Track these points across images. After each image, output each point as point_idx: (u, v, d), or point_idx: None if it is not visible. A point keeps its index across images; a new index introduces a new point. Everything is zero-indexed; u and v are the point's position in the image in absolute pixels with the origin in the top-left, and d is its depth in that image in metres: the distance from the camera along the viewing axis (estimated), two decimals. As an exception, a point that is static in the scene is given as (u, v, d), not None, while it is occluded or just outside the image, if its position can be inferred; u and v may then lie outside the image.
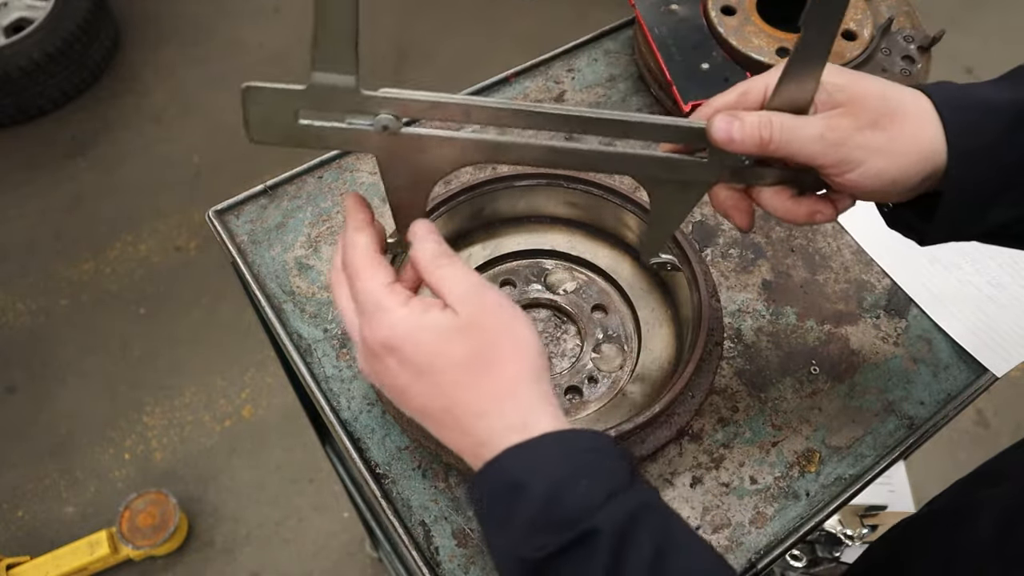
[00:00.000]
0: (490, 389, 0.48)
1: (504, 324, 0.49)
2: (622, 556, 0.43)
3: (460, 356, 0.48)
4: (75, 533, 1.83)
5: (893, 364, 0.80)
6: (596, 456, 0.47)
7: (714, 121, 0.52)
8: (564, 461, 0.46)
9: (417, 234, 0.53)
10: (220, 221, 0.86)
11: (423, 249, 0.52)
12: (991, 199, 0.53)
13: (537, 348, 0.50)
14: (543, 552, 0.44)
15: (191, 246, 2.34)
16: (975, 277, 0.85)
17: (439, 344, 0.48)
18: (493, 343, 0.48)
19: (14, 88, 2.43)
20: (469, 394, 0.48)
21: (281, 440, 2.00)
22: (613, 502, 0.45)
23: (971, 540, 0.56)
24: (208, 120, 2.60)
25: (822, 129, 0.51)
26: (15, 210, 2.40)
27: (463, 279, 0.50)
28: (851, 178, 0.52)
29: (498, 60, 2.75)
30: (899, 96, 0.52)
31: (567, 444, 0.47)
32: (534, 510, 0.45)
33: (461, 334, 0.48)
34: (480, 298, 0.49)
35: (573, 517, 0.44)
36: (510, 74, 1.00)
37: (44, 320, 2.19)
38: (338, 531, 1.90)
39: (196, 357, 2.13)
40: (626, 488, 0.46)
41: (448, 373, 0.48)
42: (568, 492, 0.45)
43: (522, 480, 0.45)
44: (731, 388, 0.77)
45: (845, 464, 0.74)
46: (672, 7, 0.97)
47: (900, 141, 0.51)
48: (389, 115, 0.50)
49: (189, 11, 2.92)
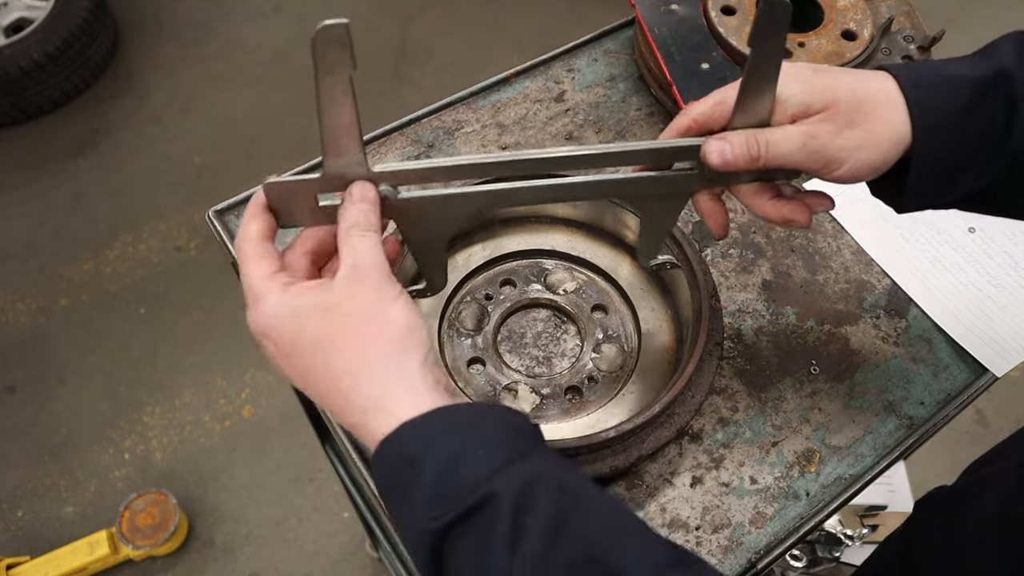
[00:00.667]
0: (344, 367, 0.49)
1: (371, 306, 0.50)
2: (522, 520, 0.43)
3: (313, 335, 0.49)
4: (75, 533, 1.83)
5: (893, 364, 0.80)
6: (492, 426, 0.48)
7: (708, 147, 0.57)
8: (458, 432, 0.47)
9: (352, 195, 0.54)
10: (220, 221, 0.86)
11: (348, 212, 0.53)
12: (957, 170, 0.56)
13: (403, 327, 0.50)
14: (442, 521, 0.44)
15: (191, 246, 2.33)
16: (975, 277, 0.85)
17: (297, 328, 0.50)
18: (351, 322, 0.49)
19: (14, 88, 2.43)
20: (326, 374, 0.49)
21: (281, 440, 2.00)
22: (511, 468, 0.45)
23: (975, 516, 0.60)
24: (208, 120, 2.59)
25: (803, 139, 0.55)
26: (15, 210, 2.40)
27: (359, 256, 0.51)
28: (838, 175, 0.56)
29: (498, 60, 2.76)
30: (867, 88, 0.55)
31: (460, 417, 0.48)
32: (431, 482, 0.45)
33: (319, 314, 0.49)
34: (357, 277, 0.50)
35: (470, 484, 0.44)
36: (510, 74, 1.00)
37: (44, 320, 2.19)
38: (338, 531, 1.90)
39: (196, 357, 2.13)
40: (525, 455, 0.46)
41: (306, 355, 0.50)
42: (464, 461, 0.45)
43: (417, 455, 0.46)
44: (731, 388, 0.77)
45: (845, 464, 0.74)
46: (672, 7, 0.97)
47: (876, 132, 0.54)
48: (387, 186, 0.55)
49: (189, 11, 2.92)
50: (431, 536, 0.44)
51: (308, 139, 2.65)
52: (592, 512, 0.45)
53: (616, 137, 0.95)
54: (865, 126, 0.54)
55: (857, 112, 0.54)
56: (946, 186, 0.57)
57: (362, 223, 0.52)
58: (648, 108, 0.98)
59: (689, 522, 0.71)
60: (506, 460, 0.45)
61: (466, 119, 0.96)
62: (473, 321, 0.79)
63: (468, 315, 0.80)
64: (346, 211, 0.53)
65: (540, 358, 0.79)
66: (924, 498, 0.72)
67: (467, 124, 0.95)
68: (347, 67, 0.48)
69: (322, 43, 0.48)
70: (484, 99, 0.98)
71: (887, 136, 0.54)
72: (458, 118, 0.96)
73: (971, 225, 0.89)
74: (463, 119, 0.96)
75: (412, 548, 0.47)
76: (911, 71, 0.56)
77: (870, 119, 0.54)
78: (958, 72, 0.55)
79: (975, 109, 0.54)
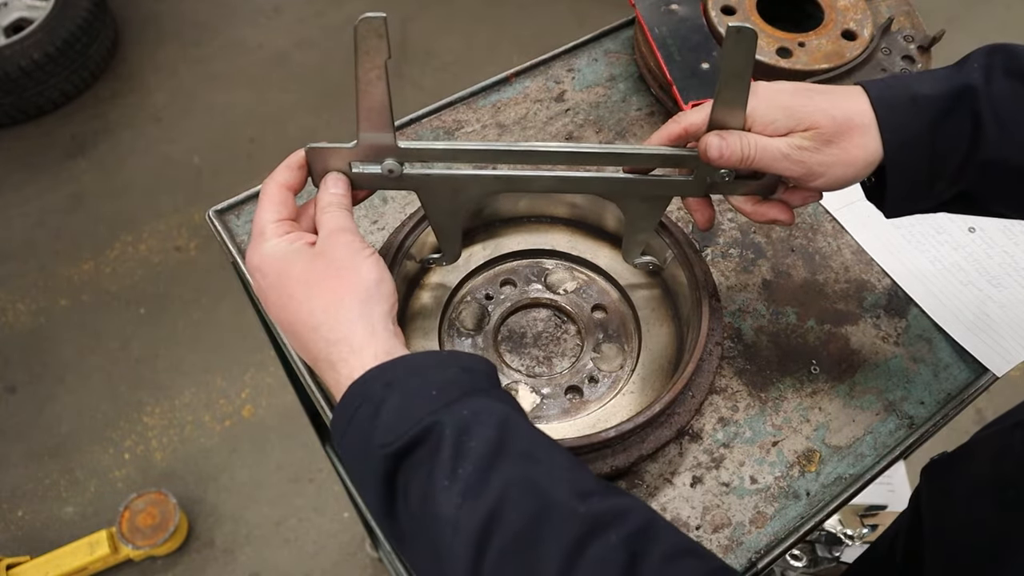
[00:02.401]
0: (319, 304, 0.55)
1: (347, 258, 0.57)
2: (463, 445, 0.47)
3: (298, 273, 0.57)
4: (75, 533, 1.83)
5: (893, 364, 0.80)
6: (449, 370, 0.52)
7: (708, 140, 0.62)
8: (416, 375, 0.52)
9: (325, 183, 0.63)
10: (220, 221, 0.86)
11: (322, 196, 0.62)
12: (931, 181, 0.61)
13: (373, 279, 0.57)
14: (392, 448, 0.48)
15: (191, 246, 2.34)
16: (975, 277, 0.85)
17: (285, 264, 0.57)
18: (331, 269, 0.57)
19: (14, 88, 2.43)
20: (304, 307, 0.56)
21: (281, 440, 2.00)
22: (459, 402, 0.50)
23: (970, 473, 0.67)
24: (208, 120, 2.60)
25: (787, 150, 0.61)
26: (15, 210, 2.40)
27: (332, 223, 0.59)
28: (815, 185, 0.63)
29: (498, 60, 2.76)
30: (844, 111, 0.60)
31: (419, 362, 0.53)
32: (389, 418, 0.49)
33: (306, 258, 0.57)
34: (336, 236, 0.58)
35: (419, 416, 0.49)
36: (510, 74, 1.00)
37: (44, 320, 2.19)
38: (338, 531, 1.90)
39: (196, 357, 2.13)
40: (474, 394, 0.51)
41: (289, 286, 0.57)
42: (419, 399, 0.50)
43: (381, 396, 0.51)
44: (731, 388, 0.77)
45: (845, 464, 0.74)
46: (672, 7, 0.97)
47: (851, 151, 0.60)
48: (393, 161, 0.63)
49: (189, 11, 2.92)
50: (383, 462, 0.49)
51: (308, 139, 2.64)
52: (531, 441, 0.50)
53: (616, 137, 0.95)
54: (841, 145, 0.60)
55: (835, 133, 0.60)
56: (923, 195, 0.63)
57: (335, 203, 0.61)
58: (648, 108, 0.98)
59: (689, 522, 0.71)
60: (455, 397, 0.50)
61: (466, 119, 0.96)
62: (473, 321, 0.79)
63: (468, 315, 0.80)
64: (321, 196, 0.62)
65: (540, 358, 0.79)
66: (928, 463, 0.76)
67: (467, 124, 0.95)
68: (383, 54, 0.55)
69: (363, 33, 0.54)
70: (484, 99, 0.98)
71: (860, 156, 0.60)
72: (458, 118, 0.96)
73: (971, 225, 0.89)
74: (463, 119, 0.96)
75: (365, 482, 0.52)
76: (884, 90, 0.61)
77: (845, 140, 0.60)
78: (928, 91, 0.60)
79: (941, 125, 0.59)
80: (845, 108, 0.60)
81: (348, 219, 0.61)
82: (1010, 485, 0.61)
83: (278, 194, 0.61)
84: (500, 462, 0.47)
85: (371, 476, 0.50)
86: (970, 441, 0.71)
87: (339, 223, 0.59)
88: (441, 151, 0.63)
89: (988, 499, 0.63)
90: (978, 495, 0.65)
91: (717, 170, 0.64)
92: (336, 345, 0.54)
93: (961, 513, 0.66)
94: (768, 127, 0.61)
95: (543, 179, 0.67)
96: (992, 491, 0.63)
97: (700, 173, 0.65)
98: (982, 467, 0.66)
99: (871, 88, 0.61)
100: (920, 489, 0.77)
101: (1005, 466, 0.63)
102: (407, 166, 0.63)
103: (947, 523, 0.67)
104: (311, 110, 2.58)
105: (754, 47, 0.57)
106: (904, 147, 0.60)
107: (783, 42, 0.93)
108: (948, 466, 0.72)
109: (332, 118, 2.55)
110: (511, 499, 0.46)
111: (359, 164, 0.63)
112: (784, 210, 0.67)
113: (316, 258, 0.57)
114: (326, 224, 0.60)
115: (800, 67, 0.91)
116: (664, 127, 0.65)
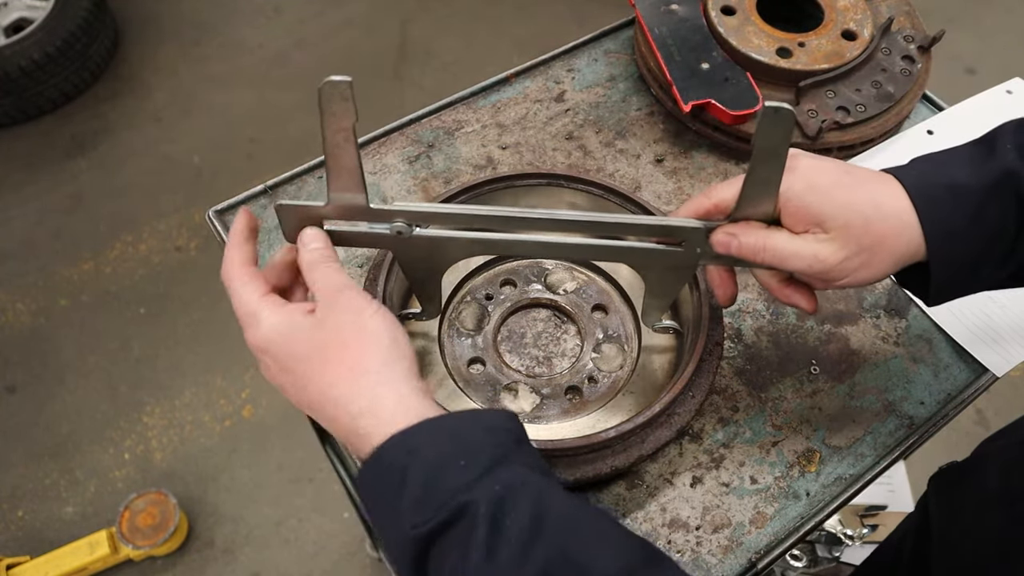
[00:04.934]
0: (335, 378, 0.52)
1: (353, 322, 0.53)
2: (500, 524, 0.45)
3: (305, 351, 0.53)
4: (75, 533, 1.83)
5: (893, 364, 0.80)
6: (473, 433, 0.50)
7: (716, 239, 0.60)
8: (441, 441, 0.49)
9: (303, 240, 0.59)
10: (220, 221, 0.86)
11: (304, 255, 0.58)
12: (975, 267, 0.59)
13: (386, 339, 0.53)
14: (424, 528, 0.46)
15: (191, 246, 2.33)
16: (975, 277, 0.85)
17: (291, 343, 0.54)
18: (339, 338, 0.53)
19: (14, 88, 2.43)
20: (321, 384, 0.53)
21: (281, 440, 2.00)
22: (488, 477, 0.47)
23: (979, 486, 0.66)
24: (208, 120, 2.59)
25: (810, 260, 0.58)
26: (15, 210, 2.40)
27: (326, 281, 0.56)
28: (836, 286, 0.60)
29: (498, 60, 2.76)
30: (881, 213, 0.57)
31: (443, 425, 0.50)
32: (414, 491, 0.47)
33: (310, 331, 0.54)
34: (334, 298, 0.54)
35: (450, 493, 0.46)
36: (510, 74, 1.00)
37: (44, 320, 2.19)
38: (338, 531, 1.90)
39: (196, 357, 2.13)
40: (504, 461, 0.48)
41: (301, 367, 0.53)
42: (446, 471, 0.47)
43: (404, 462, 0.48)
44: (731, 388, 0.77)
45: (845, 464, 0.74)
46: (672, 7, 0.97)
47: (879, 257, 0.58)
48: (402, 223, 0.60)
49: (189, 11, 2.92)
50: (414, 544, 0.47)
51: (308, 139, 2.65)
52: (567, 514, 0.47)
53: (616, 137, 0.95)
54: (871, 251, 0.57)
55: (868, 244, 0.57)
56: (968, 282, 0.61)
57: (321, 260, 0.57)
58: (648, 108, 0.98)
59: (689, 522, 0.71)
60: (485, 468, 0.47)
61: (466, 119, 0.96)
62: (473, 321, 0.79)
63: (468, 315, 0.80)
64: (303, 255, 0.58)
65: (540, 358, 0.79)
66: (936, 472, 0.76)
67: (467, 124, 0.95)
68: (350, 117, 0.52)
69: (327, 96, 0.51)
70: (484, 99, 0.98)
71: (889, 260, 0.58)
72: (458, 118, 0.96)
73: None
74: (463, 119, 0.96)
75: (394, 556, 0.49)
76: (920, 179, 0.58)
77: (876, 246, 0.57)
78: (966, 181, 0.57)
79: (985, 213, 0.57)
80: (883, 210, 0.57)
81: (341, 274, 0.57)
82: (1019, 499, 0.60)
83: (245, 274, 0.57)
84: (538, 541, 0.45)
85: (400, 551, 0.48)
86: (979, 453, 0.71)
87: (333, 282, 0.55)
88: (415, 213, 0.60)
89: (997, 512, 0.62)
90: (987, 508, 0.64)
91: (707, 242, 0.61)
92: (361, 418, 0.51)
93: (970, 525, 0.66)
94: (797, 212, 0.58)
95: (527, 244, 0.64)
96: (1001, 504, 0.62)
97: (693, 247, 0.62)
98: (991, 480, 0.66)
99: (905, 178, 0.58)
100: (928, 496, 0.77)
101: (1014, 480, 0.62)
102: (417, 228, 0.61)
103: (956, 534, 0.67)
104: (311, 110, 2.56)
105: (791, 128, 0.53)
106: (945, 240, 0.57)
107: (783, 42, 0.93)
108: (957, 477, 0.72)
109: (332, 118, 2.55)
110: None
111: (333, 223, 0.60)
112: (808, 298, 0.64)
113: (320, 328, 0.54)
114: (321, 285, 0.55)
115: (800, 67, 0.91)
116: (694, 200, 0.62)
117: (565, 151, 0.94)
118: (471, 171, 0.91)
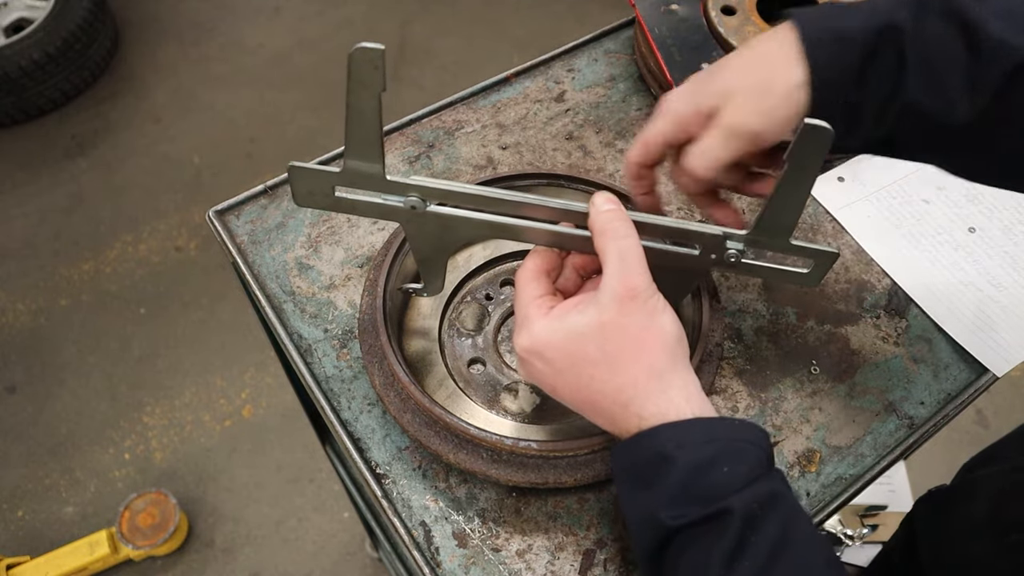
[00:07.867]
0: (628, 380, 0.53)
1: (645, 324, 0.53)
2: (747, 537, 0.47)
3: (594, 355, 0.53)
4: (75, 533, 1.84)
5: (893, 364, 0.80)
6: (739, 444, 0.51)
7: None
8: (710, 443, 0.51)
9: (595, 203, 0.57)
10: (220, 221, 0.86)
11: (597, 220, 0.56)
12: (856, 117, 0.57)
13: (676, 336, 0.55)
14: (680, 521, 0.48)
15: (191, 246, 2.34)
16: (975, 277, 0.85)
17: (576, 346, 0.54)
18: (631, 340, 0.53)
19: (14, 88, 2.44)
20: (609, 386, 0.53)
21: (281, 440, 2.00)
22: (748, 489, 0.49)
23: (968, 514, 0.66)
24: (208, 120, 2.60)
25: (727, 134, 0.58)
26: (15, 210, 2.40)
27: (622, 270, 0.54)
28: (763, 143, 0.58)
29: (498, 60, 2.76)
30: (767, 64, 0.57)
31: (714, 429, 0.52)
32: (678, 481, 0.49)
33: (599, 333, 0.53)
34: (628, 295, 0.53)
35: (712, 495, 0.48)
36: (510, 74, 1.00)
37: (44, 320, 2.19)
38: (338, 531, 1.90)
39: (196, 357, 2.13)
40: (760, 477, 0.50)
41: (585, 370, 0.54)
42: (711, 472, 0.49)
43: (671, 453, 0.50)
44: (731, 388, 0.77)
45: (845, 464, 0.74)
46: (672, 7, 0.97)
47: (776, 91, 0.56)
48: (417, 197, 0.60)
49: (189, 11, 2.92)
50: (665, 531, 0.49)
51: (308, 139, 2.65)
52: (806, 544, 0.49)
53: (616, 137, 0.95)
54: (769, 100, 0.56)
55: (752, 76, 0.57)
56: (848, 131, 0.58)
57: (621, 230, 0.55)
58: (648, 108, 0.98)
59: (689, 522, 0.71)
60: (746, 479, 0.49)
61: (466, 119, 0.96)
62: (473, 321, 0.79)
63: (468, 315, 0.80)
64: (596, 219, 0.56)
65: (540, 358, 0.79)
66: (923, 496, 0.76)
67: (467, 124, 0.95)
68: (378, 86, 0.51)
69: (357, 63, 0.50)
70: (484, 99, 0.98)
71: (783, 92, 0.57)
72: (458, 118, 0.96)
73: (971, 225, 0.89)
74: (463, 119, 0.96)
75: (638, 531, 0.52)
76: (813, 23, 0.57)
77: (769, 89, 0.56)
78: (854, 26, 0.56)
79: (869, 62, 0.55)
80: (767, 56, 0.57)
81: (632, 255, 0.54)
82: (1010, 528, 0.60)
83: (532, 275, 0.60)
84: (777, 563, 0.47)
85: (645, 532, 0.51)
86: (967, 479, 0.71)
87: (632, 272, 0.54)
88: (430, 190, 0.60)
89: (987, 540, 0.63)
90: (977, 536, 0.64)
91: (725, 248, 0.61)
92: (651, 419, 0.52)
93: (959, 551, 0.66)
94: None
95: (539, 232, 0.63)
96: (991, 533, 0.62)
97: (706, 250, 0.62)
98: (980, 508, 0.66)
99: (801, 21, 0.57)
100: (915, 520, 0.77)
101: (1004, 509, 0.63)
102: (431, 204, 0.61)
103: (945, 559, 0.68)
104: (311, 110, 2.58)
105: (827, 147, 0.52)
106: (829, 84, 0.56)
107: (783, 42, 0.93)
108: (946, 502, 0.72)
109: (332, 118, 2.55)
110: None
111: (345, 190, 0.60)
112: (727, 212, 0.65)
113: (608, 329, 0.53)
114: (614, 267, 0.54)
115: (800, 67, 0.91)
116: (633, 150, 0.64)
117: (565, 151, 0.94)
118: (471, 171, 0.91)
